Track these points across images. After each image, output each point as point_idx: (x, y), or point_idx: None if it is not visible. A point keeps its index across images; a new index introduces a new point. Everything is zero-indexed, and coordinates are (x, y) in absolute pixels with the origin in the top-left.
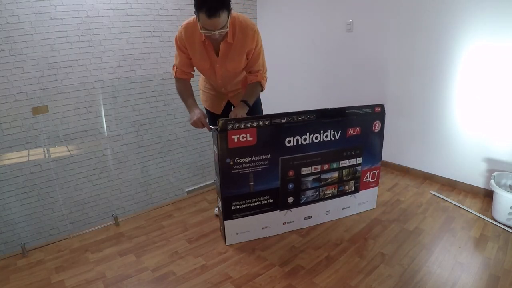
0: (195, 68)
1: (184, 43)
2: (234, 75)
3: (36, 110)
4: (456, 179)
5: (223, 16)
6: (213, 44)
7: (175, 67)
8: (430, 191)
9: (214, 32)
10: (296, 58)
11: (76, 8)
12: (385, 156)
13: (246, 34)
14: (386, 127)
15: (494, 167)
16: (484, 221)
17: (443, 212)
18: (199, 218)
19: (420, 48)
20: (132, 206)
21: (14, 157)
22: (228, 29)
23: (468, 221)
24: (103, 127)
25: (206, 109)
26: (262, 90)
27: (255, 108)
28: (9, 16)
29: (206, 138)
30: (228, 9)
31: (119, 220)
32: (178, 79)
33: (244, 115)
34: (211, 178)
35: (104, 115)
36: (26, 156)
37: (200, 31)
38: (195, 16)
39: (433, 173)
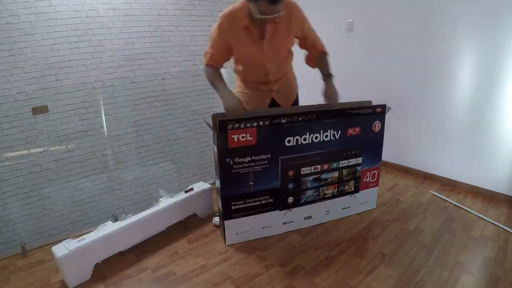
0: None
1: (226, 31)
2: (281, 57)
3: (36, 110)
4: (456, 179)
5: (279, 4)
6: (258, 28)
7: (208, 54)
8: (430, 191)
9: (272, 17)
10: (295, 58)
11: (76, 8)
12: (385, 156)
13: (291, 12)
14: (386, 127)
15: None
16: (484, 221)
17: (443, 212)
18: (200, 218)
19: (420, 48)
20: (132, 206)
21: (14, 157)
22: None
23: (468, 221)
24: (103, 127)
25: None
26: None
27: (297, 102)
28: (9, 16)
29: (206, 138)
30: None
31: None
32: (209, 66)
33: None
34: (211, 178)
35: (104, 115)
36: (26, 156)
37: (257, 16)
38: (233, 6)
39: (433, 173)
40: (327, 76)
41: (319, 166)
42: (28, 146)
